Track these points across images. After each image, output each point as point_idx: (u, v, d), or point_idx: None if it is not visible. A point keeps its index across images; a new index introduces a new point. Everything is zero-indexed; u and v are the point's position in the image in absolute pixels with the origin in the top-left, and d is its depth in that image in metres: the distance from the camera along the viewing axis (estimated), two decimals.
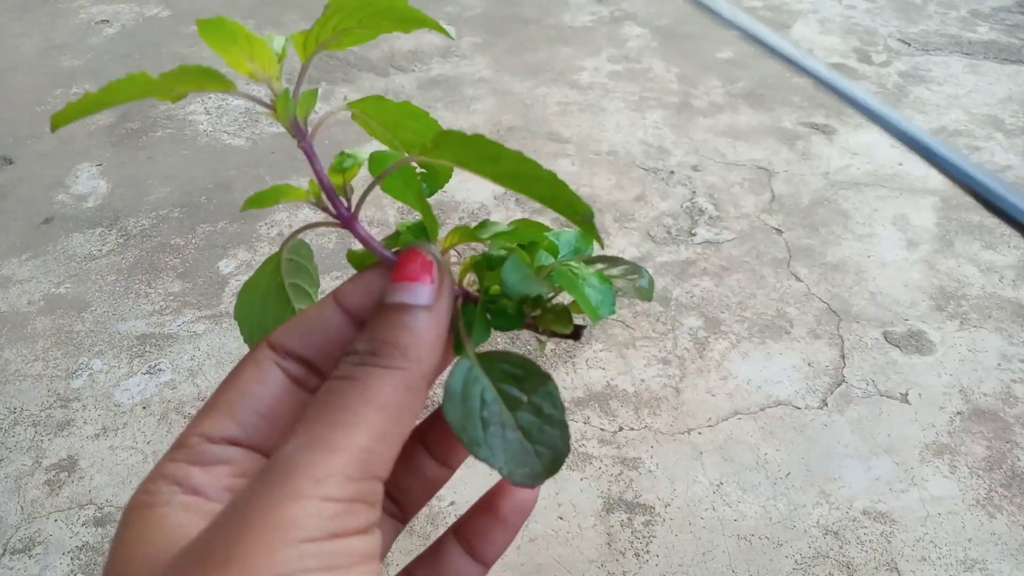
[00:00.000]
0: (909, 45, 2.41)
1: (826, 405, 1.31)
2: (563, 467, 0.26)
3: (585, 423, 1.29)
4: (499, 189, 1.82)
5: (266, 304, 0.30)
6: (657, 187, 1.84)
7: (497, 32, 2.56)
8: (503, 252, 0.27)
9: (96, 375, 1.42)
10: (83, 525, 1.19)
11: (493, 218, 1.73)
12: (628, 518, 1.16)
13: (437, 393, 0.84)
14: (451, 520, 1.14)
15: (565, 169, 1.90)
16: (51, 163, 2.01)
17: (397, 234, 0.28)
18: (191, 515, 0.22)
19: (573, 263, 0.28)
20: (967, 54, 2.35)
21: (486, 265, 0.27)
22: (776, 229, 1.70)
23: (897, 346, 1.42)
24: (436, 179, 0.30)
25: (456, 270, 0.28)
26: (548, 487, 1.19)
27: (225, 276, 1.63)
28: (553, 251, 0.28)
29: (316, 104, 0.27)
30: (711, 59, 2.37)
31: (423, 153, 0.25)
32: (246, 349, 0.28)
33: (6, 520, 1.20)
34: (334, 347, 0.26)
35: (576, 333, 0.28)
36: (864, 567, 1.10)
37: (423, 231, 0.28)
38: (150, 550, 0.21)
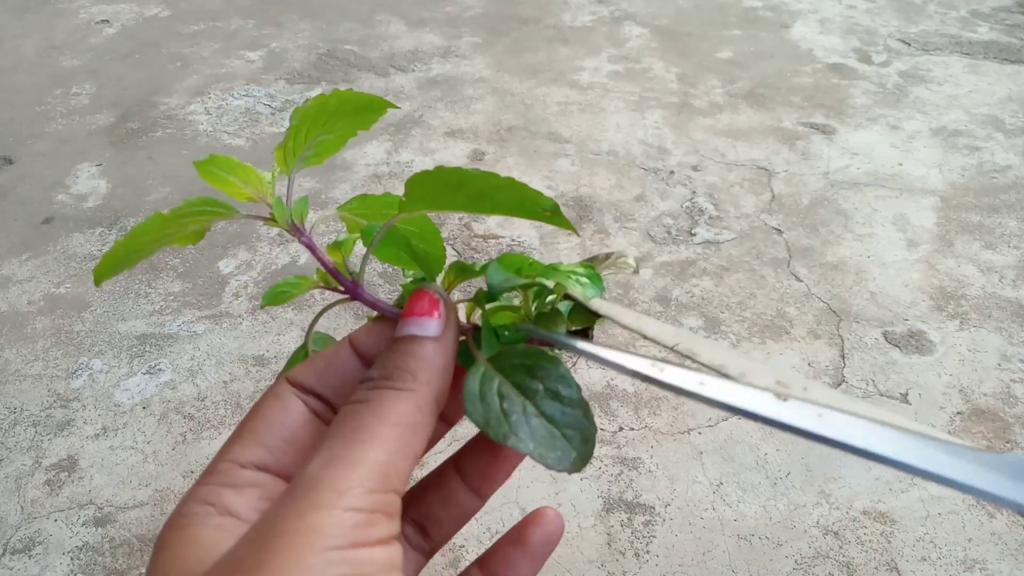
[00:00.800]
0: (909, 45, 2.41)
1: None
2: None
3: None
4: None
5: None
6: (657, 187, 1.84)
7: (497, 32, 2.56)
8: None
9: (96, 375, 1.42)
10: (83, 525, 1.19)
11: (490, 219, 1.73)
12: (628, 518, 1.16)
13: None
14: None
15: (565, 169, 1.90)
16: (51, 163, 2.01)
17: (402, 296, 0.30)
18: (224, 534, 0.24)
19: (560, 265, 0.29)
20: (967, 54, 2.35)
21: (485, 297, 0.29)
22: (776, 229, 1.70)
23: (897, 346, 1.42)
24: (429, 261, 0.31)
25: (463, 309, 0.30)
26: (548, 487, 1.19)
27: (225, 276, 1.63)
28: (537, 268, 0.30)
29: (309, 209, 0.30)
30: (711, 59, 2.37)
31: (401, 210, 0.27)
32: (245, 350, 0.29)
33: (6, 520, 1.20)
34: (348, 385, 0.28)
35: (584, 333, 0.29)
36: (864, 567, 1.10)
37: (424, 282, 0.30)
38: (184, 566, 0.23)
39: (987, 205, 1.75)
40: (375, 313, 0.30)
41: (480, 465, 0.31)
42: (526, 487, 1.20)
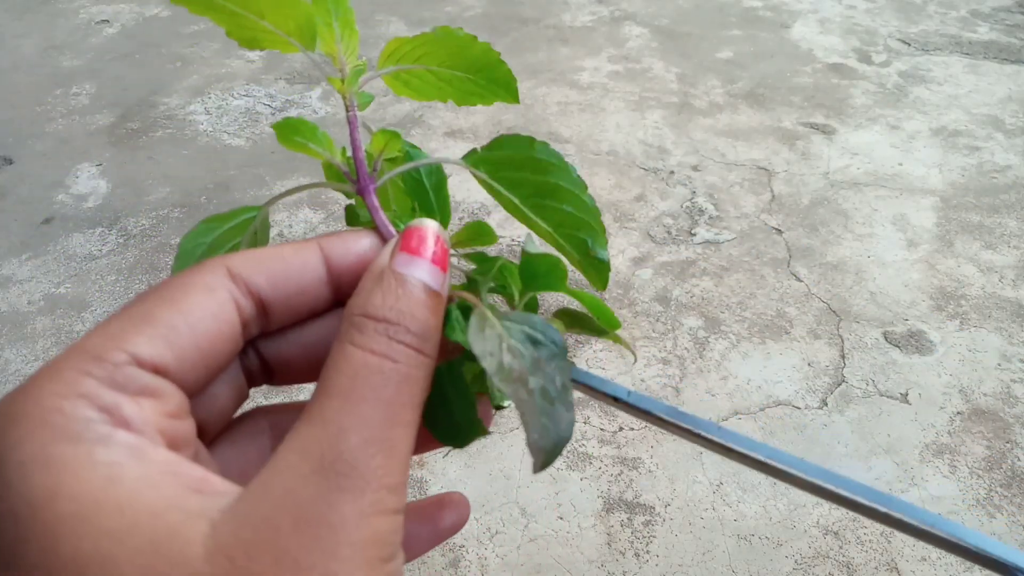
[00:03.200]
0: (909, 45, 2.41)
1: (826, 405, 1.31)
2: (562, 465, 0.26)
3: (585, 423, 1.29)
4: None
5: (230, 238, 0.26)
6: (657, 187, 1.84)
7: (497, 32, 2.56)
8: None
9: None
10: None
11: (491, 218, 1.73)
12: (628, 518, 1.16)
13: None
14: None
15: None
16: (51, 163, 2.01)
17: (409, 211, 0.27)
18: (150, 469, 0.18)
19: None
20: (967, 54, 2.35)
21: (483, 285, 0.26)
22: (776, 229, 1.70)
23: (897, 346, 1.42)
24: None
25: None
26: (548, 487, 1.19)
27: None
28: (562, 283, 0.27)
29: (371, 102, 0.28)
30: (711, 59, 2.37)
31: (470, 162, 0.26)
32: None
33: None
34: (302, 297, 0.23)
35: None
36: (864, 567, 1.10)
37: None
38: (134, 521, 0.17)
39: (987, 205, 1.75)
40: (347, 213, 0.27)
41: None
42: (526, 487, 1.20)
